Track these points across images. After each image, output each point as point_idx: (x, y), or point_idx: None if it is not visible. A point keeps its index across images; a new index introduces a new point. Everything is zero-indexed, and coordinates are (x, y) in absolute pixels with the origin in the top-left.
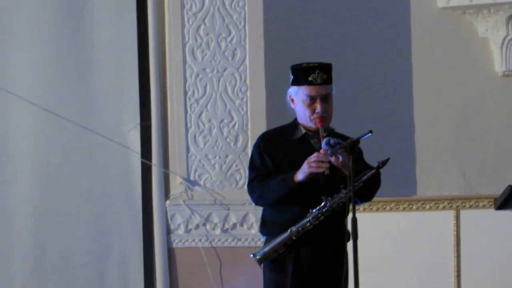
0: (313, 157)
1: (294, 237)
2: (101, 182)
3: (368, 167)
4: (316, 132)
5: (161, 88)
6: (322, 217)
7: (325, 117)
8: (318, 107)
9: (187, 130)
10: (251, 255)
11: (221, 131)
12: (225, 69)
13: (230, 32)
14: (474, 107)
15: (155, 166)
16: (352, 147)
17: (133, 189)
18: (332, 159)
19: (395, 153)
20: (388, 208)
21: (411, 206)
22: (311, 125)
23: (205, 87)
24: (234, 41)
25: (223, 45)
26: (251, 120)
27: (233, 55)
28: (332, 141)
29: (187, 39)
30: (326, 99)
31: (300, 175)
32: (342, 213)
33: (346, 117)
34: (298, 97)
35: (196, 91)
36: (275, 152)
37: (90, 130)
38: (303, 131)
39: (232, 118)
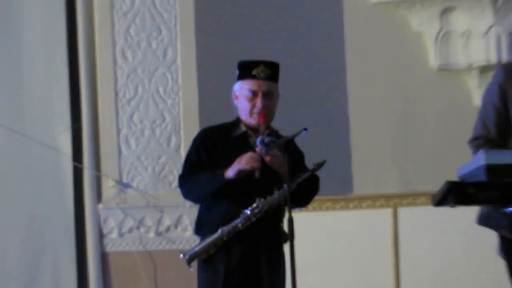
0: (244, 156)
1: (225, 238)
2: (32, 186)
3: (306, 171)
4: (256, 131)
5: (92, 90)
6: (254, 218)
7: (266, 114)
8: (259, 101)
9: (118, 132)
10: (181, 255)
11: (153, 132)
12: (156, 69)
13: (161, 32)
14: (410, 102)
15: (86, 169)
16: (286, 146)
17: (65, 193)
18: (267, 158)
19: (330, 150)
20: (324, 207)
21: (347, 204)
22: (251, 121)
23: (136, 87)
24: (165, 40)
25: (154, 44)
26: (183, 120)
27: (164, 55)
28: (266, 139)
29: (117, 39)
30: (268, 96)
31: (230, 172)
32: (277, 215)
33: (279, 116)
34: (241, 92)
35: (127, 92)
36: (213, 148)
37: (20, 133)
38: (243, 129)
39: (165, 119)
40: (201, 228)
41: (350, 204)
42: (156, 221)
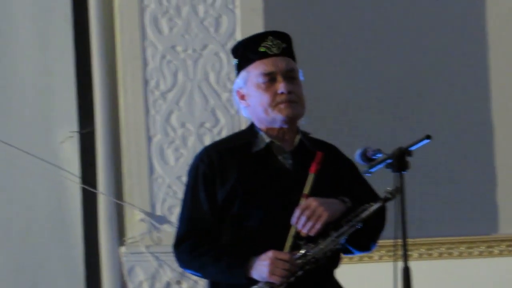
0: (281, 262)
1: None
2: (23, 220)
3: (368, 191)
4: (285, 140)
5: (110, 78)
6: (301, 272)
7: (295, 102)
8: (281, 85)
9: (149, 140)
10: None
11: (200, 140)
12: (205, 47)
13: None
14: None
15: (102, 194)
16: (401, 160)
17: (71, 230)
18: (303, 229)
19: (464, 169)
20: (455, 253)
21: (491, 249)
22: (276, 120)
23: (175, 74)
24: (217, 3)
25: (201, 10)
26: (246, 122)
27: (217, 25)
28: (370, 152)
29: (146, 1)
30: (291, 77)
31: (255, 274)
32: (332, 263)
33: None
34: (250, 85)
35: (162, 81)
36: (222, 182)
37: (5, 143)
38: (266, 139)
39: (218, 121)
40: None
41: (494, 248)
42: None
